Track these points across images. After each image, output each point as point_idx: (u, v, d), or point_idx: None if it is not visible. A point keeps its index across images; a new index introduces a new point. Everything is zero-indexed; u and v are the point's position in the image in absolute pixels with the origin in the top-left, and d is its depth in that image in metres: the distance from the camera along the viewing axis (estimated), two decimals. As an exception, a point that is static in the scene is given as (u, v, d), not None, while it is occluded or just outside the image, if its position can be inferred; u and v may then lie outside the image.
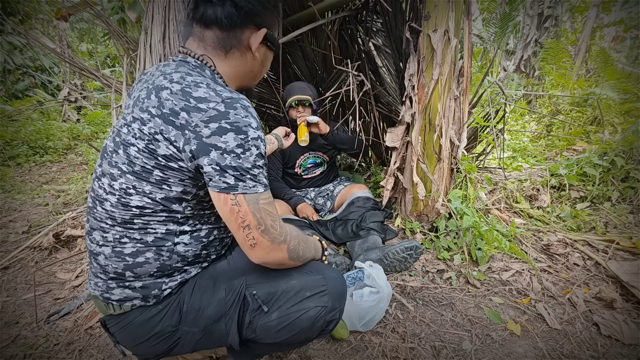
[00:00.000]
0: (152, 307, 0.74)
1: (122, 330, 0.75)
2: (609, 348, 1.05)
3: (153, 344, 0.75)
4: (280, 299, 0.77)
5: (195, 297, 0.76)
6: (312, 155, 1.97)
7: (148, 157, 0.65)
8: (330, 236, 1.74)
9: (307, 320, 0.76)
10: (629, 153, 1.93)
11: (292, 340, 0.78)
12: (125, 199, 0.68)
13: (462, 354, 1.06)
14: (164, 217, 0.71)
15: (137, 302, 0.73)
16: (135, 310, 0.74)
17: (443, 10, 1.50)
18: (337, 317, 0.82)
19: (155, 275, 0.73)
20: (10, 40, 5.40)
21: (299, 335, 0.77)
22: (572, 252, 1.53)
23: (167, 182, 0.68)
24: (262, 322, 0.75)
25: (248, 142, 0.64)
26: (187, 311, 0.75)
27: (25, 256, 1.73)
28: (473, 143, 2.10)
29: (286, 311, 0.76)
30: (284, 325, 0.75)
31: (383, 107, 2.07)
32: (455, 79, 1.59)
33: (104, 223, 0.71)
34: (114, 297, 0.72)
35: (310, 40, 1.97)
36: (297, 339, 0.78)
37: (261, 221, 0.67)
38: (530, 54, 5.20)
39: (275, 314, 0.76)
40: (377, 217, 1.70)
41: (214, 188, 0.65)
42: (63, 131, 4.41)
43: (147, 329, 0.74)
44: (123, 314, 0.74)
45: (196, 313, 0.75)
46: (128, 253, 0.70)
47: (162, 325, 0.74)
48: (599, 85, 3.15)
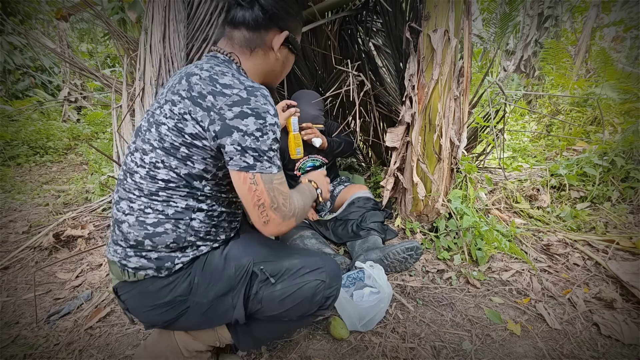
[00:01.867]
0: (164, 279, 0.80)
1: (133, 298, 0.82)
2: (609, 348, 1.05)
3: (161, 311, 0.80)
4: (284, 274, 0.84)
5: (207, 272, 0.81)
6: (310, 158, 1.97)
7: (176, 135, 0.74)
8: (331, 236, 1.74)
9: (309, 291, 0.83)
10: (629, 153, 1.93)
11: (294, 312, 0.84)
12: (153, 171, 0.77)
13: (462, 354, 1.06)
14: (185, 193, 0.78)
15: (151, 272, 0.78)
16: (147, 280, 0.79)
17: (443, 10, 1.50)
18: (335, 294, 0.89)
19: (170, 247, 0.79)
20: (10, 40, 5.40)
21: (301, 307, 0.83)
22: (572, 252, 1.53)
23: (191, 159, 0.75)
24: (268, 291, 0.82)
25: (266, 127, 0.72)
26: (198, 284, 0.80)
27: (25, 256, 1.73)
28: (473, 143, 2.10)
29: (289, 283, 0.83)
30: (287, 295, 0.82)
31: (383, 107, 2.08)
32: (455, 79, 1.59)
33: (132, 194, 0.79)
34: (130, 264, 0.78)
35: (310, 40, 1.97)
36: (298, 311, 0.84)
37: (274, 200, 0.75)
38: (530, 54, 5.20)
39: (280, 285, 0.82)
40: (377, 217, 1.70)
41: (234, 167, 0.73)
42: (63, 131, 4.41)
43: (157, 297, 0.79)
44: (136, 282, 0.80)
45: (206, 286, 0.80)
46: (150, 223, 0.77)
47: (172, 295, 0.79)
48: (599, 85, 3.15)
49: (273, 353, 1.08)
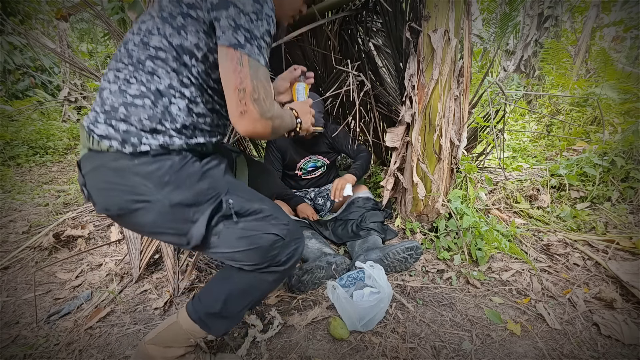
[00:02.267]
0: (129, 159, 0.76)
1: (94, 171, 0.79)
2: (609, 348, 1.05)
3: (119, 194, 0.77)
4: (249, 215, 0.84)
5: (181, 176, 0.79)
6: (312, 159, 1.97)
7: (175, 5, 0.76)
8: (330, 236, 1.74)
9: (266, 241, 0.84)
10: (629, 153, 1.93)
11: (246, 257, 0.84)
12: (147, 37, 0.77)
13: (462, 354, 1.06)
14: (172, 68, 0.77)
15: (115, 144, 0.76)
16: (111, 154, 0.76)
17: (443, 10, 1.50)
18: (291, 256, 0.89)
19: (143, 123, 0.76)
20: (10, 40, 5.40)
21: (254, 254, 0.84)
22: (572, 252, 1.53)
23: (185, 29, 0.76)
24: (228, 227, 0.82)
25: (262, 14, 0.74)
26: (167, 182, 0.78)
27: (25, 256, 1.73)
28: (473, 143, 2.10)
29: (251, 224, 0.83)
30: (245, 236, 0.82)
31: (383, 107, 2.08)
32: (455, 79, 1.59)
33: (121, 62, 0.79)
34: (97, 130, 0.77)
35: (310, 40, 1.97)
36: (250, 257, 0.84)
37: (256, 89, 0.74)
38: (530, 54, 5.20)
39: (242, 224, 0.83)
40: (377, 217, 1.70)
41: (224, 41, 0.72)
42: (63, 131, 4.41)
43: (118, 177, 0.77)
44: (100, 153, 0.77)
45: (173, 188, 0.78)
46: (131, 93, 0.77)
47: (135, 181, 0.76)
48: (599, 85, 3.15)
49: (273, 353, 1.08)
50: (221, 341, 1.14)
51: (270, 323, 1.21)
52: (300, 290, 1.37)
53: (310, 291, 1.38)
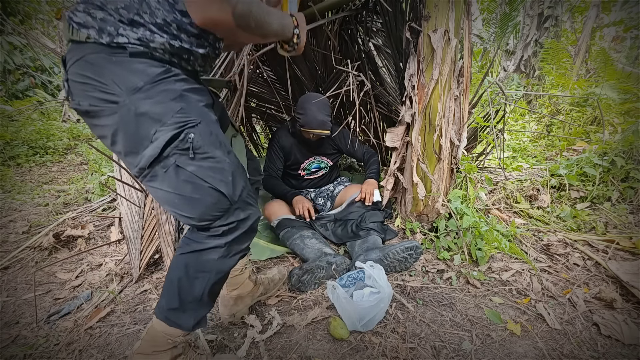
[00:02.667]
0: (106, 52, 0.72)
1: (74, 65, 0.75)
2: (609, 348, 1.05)
3: (91, 90, 0.74)
4: (205, 160, 0.79)
5: (155, 88, 0.74)
6: (316, 160, 1.98)
7: None
8: (330, 236, 1.74)
9: (210, 196, 0.80)
10: (629, 153, 1.93)
11: (185, 206, 0.81)
12: None
13: (462, 354, 1.06)
14: None
15: (93, 33, 0.72)
16: (90, 45, 0.73)
17: (443, 11, 1.50)
18: (236, 230, 0.86)
19: (120, 13, 0.72)
20: (10, 40, 5.40)
21: (194, 204, 0.80)
22: (572, 252, 1.53)
23: None
24: (179, 163, 0.77)
25: None
26: (139, 88, 0.73)
27: (25, 256, 1.73)
28: (473, 143, 2.10)
29: (203, 171, 0.79)
30: (191, 181, 0.78)
31: (383, 107, 2.08)
32: (455, 79, 1.59)
33: None
34: (75, 19, 0.73)
35: (310, 40, 1.97)
36: (190, 207, 0.81)
37: None
38: (530, 54, 5.20)
39: (193, 167, 0.78)
40: (377, 217, 1.70)
41: None
42: (63, 131, 4.41)
43: (94, 72, 0.73)
44: (80, 45, 0.74)
45: (144, 96, 0.73)
46: None
47: (108, 79, 0.73)
48: (599, 85, 3.15)
49: (273, 353, 1.08)
50: (221, 341, 1.14)
51: (270, 323, 1.21)
52: (300, 290, 1.37)
53: (310, 291, 1.38)
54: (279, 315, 1.24)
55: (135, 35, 0.73)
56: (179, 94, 0.77)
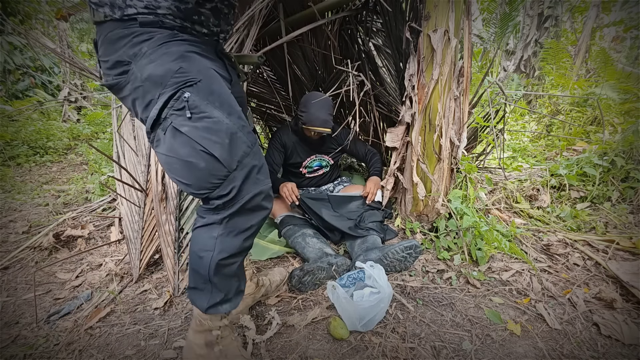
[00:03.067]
0: (121, 26, 0.75)
1: (100, 46, 0.80)
2: (609, 348, 1.05)
3: (112, 65, 0.78)
4: (202, 121, 0.75)
5: (158, 52, 0.74)
6: (318, 158, 1.99)
7: None
8: (331, 219, 1.67)
9: (205, 160, 0.76)
10: (629, 153, 1.93)
11: (183, 171, 0.78)
12: None
13: (462, 354, 1.06)
14: None
15: (107, 9, 0.75)
16: (108, 24, 0.76)
17: (443, 11, 1.50)
18: (235, 203, 0.81)
19: None
20: (10, 40, 5.40)
21: (190, 170, 0.77)
22: (572, 252, 1.53)
23: None
24: (176, 124, 0.75)
25: None
26: (144, 54, 0.74)
27: (25, 256, 1.73)
28: (473, 143, 2.10)
29: (197, 133, 0.75)
30: (188, 144, 0.75)
31: (383, 107, 2.08)
32: (455, 79, 1.59)
33: None
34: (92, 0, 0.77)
35: (310, 40, 1.97)
36: (187, 173, 0.78)
37: None
38: (530, 54, 5.20)
39: (187, 128, 0.75)
40: (376, 216, 1.70)
41: None
42: (63, 131, 4.40)
43: (112, 47, 0.76)
44: (101, 25, 0.78)
45: (148, 61, 0.74)
46: None
47: (122, 50, 0.75)
48: (599, 85, 3.15)
49: (273, 353, 1.08)
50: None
51: (269, 323, 1.21)
52: (301, 291, 1.37)
53: (310, 291, 1.38)
54: (279, 315, 1.24)
55: (141, 4, 0.74)
56: (180, 54, 0.75)
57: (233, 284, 0.92)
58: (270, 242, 1.76)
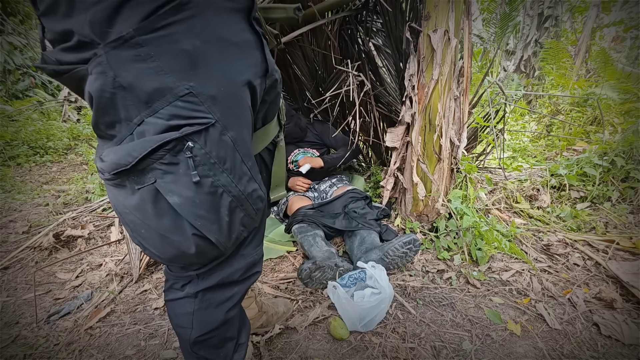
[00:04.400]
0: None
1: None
2: (609, 348, 1.05)
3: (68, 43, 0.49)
4: (204, 188, 0.53)
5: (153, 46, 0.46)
6: (301, 151, 2.03)
7: None
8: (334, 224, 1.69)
9: (198, 246, 0.57)
10: (629, 153, 1.93)
11: (158, 240, 0.57)
12: None
13: (462, 354, 1.06)
14: None
15: None
16: None
17: (443, 11, 1.50)
18: (211, 276, 0.65)
19: None
20: (10, 40, 5.40)
21: (168, 245, 0.57)
22: (572, 252, 1.53)
23: None
24: (162, 187, 0.52)
25: None
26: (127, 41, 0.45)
27: (26, 256, 1.73)
28: (473, 143, 2.10)
29: (195, 212, 0.54)
30: (173, 219, 0.54)
31: (383, 107, 2.08)
32: (455, 79, 1.59)
33: None
34: None
35: (310, 41, 1.97)
36: (165, 243, 0.57)
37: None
38: (530, 54, 5.20)
39: (182, 200, 0.53)
40: (360, 205, 1.71)
41: None
42: (63, 131, 4.40)
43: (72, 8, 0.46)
44: None
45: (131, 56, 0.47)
46: None
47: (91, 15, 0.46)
48: (599, 85, 3.15)
49: (273, 353, 1.08)
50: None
51: (270, 323, 1.21)
52: (307, 286, 1.37)
53: (310, 291, 1.38)
54: (279, 315, 1.24)
55: None
56: (192, 50, 0.48)
57: (228, 346, 0.75)
58: (270, 241, 1.76)
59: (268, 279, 1.47)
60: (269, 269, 1.57)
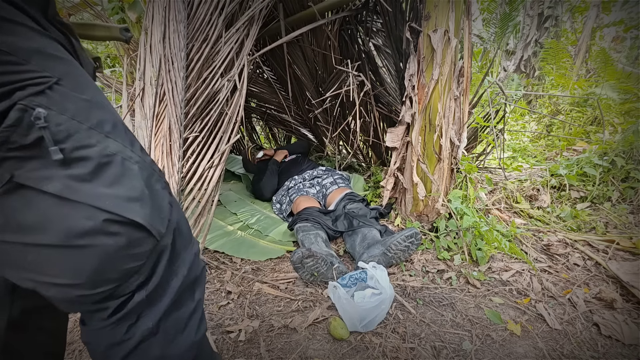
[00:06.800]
0: None
1: None
2: (609, 348, 1.05)
3: None
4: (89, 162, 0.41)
5: None
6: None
7: None
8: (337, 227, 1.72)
9: (124, 235, 0.42)
10: (629, 153, 1.93)
11: (56, 261, 0.40)
12: None
13: (463, 354, 1.06)
14: None
15: None
16: None
17: (443, 11, 1.50)
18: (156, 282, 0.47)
19: None
20: (10, 40, 5.39)
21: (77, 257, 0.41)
22: (572, 252, 1.53)
23: None
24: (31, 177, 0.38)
25: None
26: None
27: (25, 256, 1.73)
28: (473, 143, 2.10)
29: (99, 192, 0.41)
30: (71, 213, 0.39)
31: (383, 107, 2.08)
32: (455, 79, 1.59)
33: None
34: None
35: (310, 41, 1.97)
36: (67, 261, 0.41)
37: None
38: (530, 54, 5.20)
39: (60, 184, 0.38)
40: (356, 205, 1.74)
41: None
42: (63, 131, 4.40)
43: None
44: None
45: None
46: None
47: None
48: (599, 85, 3.15)
49: (273, 353, 1.08)
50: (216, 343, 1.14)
51: (271, 323, 1.21)
52: (296, 271, 1.36)
53: (310, 292, 1.38)
54: (280, 318, 1.24)
55: None
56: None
57: None
58: (270, 241, 1.76)
59: (268, 279, 1.47)
60: (269, 269, 1.57)
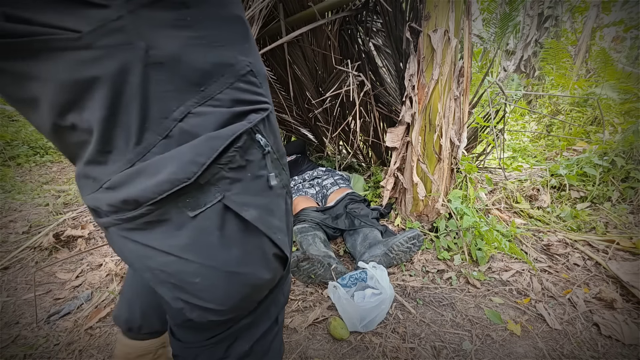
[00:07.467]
0: None
1: None
2: (609, 348, 1.05)
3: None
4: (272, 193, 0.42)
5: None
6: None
7: None
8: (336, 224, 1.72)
9: (268, 268, 0.44)
10: (629, 153, 1.93)
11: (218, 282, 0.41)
12: None
13: (463, 354, 1.06)
14: None
15: None
16: None
17: (443, 11, 1.50)
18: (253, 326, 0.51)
19: None
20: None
21: (236, 281, 0.43)
22: (572, 252, 1.53)
23: None
24: (237, 201, 0.39)
25: None
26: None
27: (26, 256, 1.73)
28: (473, 143, 2.10)
29: (267, 218, 0.42)
30: (248, 240, 0.41)
31: (383, 107, 2.08)
32: (455, 79, 1.59)
33: None
34: None
35: (310, 41, 1.97)
36: (228, 283, 0.43)
37: None
38: (530, 54, 5.20)
39: (257, 213, 0.40)
40: (360, 206, 1.73)
41: None
42: (63, 131, 4.40)
43: None
44: None
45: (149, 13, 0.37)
46: None
47: None
48: (599, 85, 3.15)
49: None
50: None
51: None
52: (293, 275, 1.36)
53: (310, 292, 1.38)
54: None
55: None
56: (242, 19, 0.38)
57: None
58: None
59: (268, 279, 1.47)
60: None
